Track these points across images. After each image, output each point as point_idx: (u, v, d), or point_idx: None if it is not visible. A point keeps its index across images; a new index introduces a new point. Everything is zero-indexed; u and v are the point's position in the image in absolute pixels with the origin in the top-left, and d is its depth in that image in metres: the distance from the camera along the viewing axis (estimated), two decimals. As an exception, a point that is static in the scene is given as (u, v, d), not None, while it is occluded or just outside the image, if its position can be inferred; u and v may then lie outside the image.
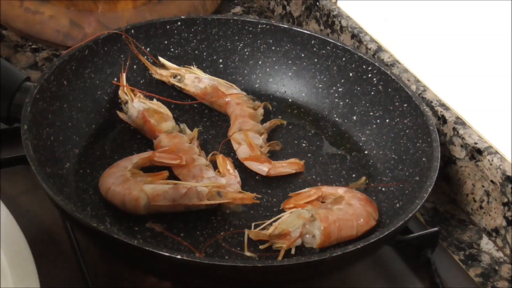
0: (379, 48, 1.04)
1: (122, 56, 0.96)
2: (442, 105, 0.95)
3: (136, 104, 0.92)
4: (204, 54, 1.01)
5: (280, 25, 1.00)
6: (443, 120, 0.94)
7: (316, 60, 1.00)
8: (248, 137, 0.90)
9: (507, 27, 0.85)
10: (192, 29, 1.00)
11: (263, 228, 0.80)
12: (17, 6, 1.11)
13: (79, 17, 1.10)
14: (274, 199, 0.86)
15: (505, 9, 0.84)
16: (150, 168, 0.86)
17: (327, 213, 0.80)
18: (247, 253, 0.78)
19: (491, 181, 0.89)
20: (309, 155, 0.93)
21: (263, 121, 0.95)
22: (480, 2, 0.87)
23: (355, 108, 0.96)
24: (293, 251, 0.78)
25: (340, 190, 0.85)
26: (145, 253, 0.69)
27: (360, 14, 1.08)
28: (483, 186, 0.90)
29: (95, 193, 0.83)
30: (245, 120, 0.93)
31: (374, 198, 0.86)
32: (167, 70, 0.98)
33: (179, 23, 0.99)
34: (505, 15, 0.85)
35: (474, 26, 0.90)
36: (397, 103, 0.93)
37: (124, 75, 0.95)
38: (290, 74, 1.00)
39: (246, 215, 0.83)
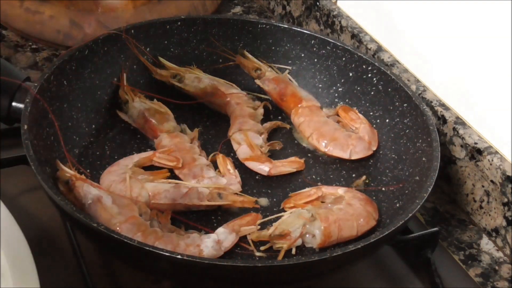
0: (379, 48, 1.04)
1: (122, 56, 0.96)
2: (442, 105, 0.95)
3: (137, 104, 0.92)
4: (204, 54, 1.01)
5: (280, 25, 1.01)
6: (443, 120, 0.94)
7: (316, 60, 1.00)
8: (248, 137, 0.90)
9: (507, 27, 0.85)
10: (192, 29, 1.00)
11: (263, 228, 0.80)
12: (17, 6, 1.11)
13: (79, 17, 1.10)
14: (274, 199, 0.86)
15: (505, 9, 0.84)
16: (150, 167, 0.86)
17: (328, 213, 0.80)
18: (257, 253, 0.78)
19: (491, 181, 0.89)
20: (309, 155, 0.93)
21: (263, 121, 0.95)
22: (480, 2, 0.87)
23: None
24: (293, 251, 0.78)
25: (340, 190, 0.85)
26: (145, 253, 0.69)
27: (360, 14, 1.08)
28: (483, 186, 0.91)
29: (95, 193, 0.83)
30: (245, 120, 0.93)
31: (374, 198, 0.86)
32: (167, 70, 0.98)
33: (179, 23, 0.99)
34: (505, 15, 0.85)
35: (474, 26, 0.90)
36: (397, 103, 0.93)
37: (124, 75, 0.95)
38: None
39: (246, 215, 0.83)
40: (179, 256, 0.68)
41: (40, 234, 0.83)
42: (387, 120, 0.94)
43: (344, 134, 0.92)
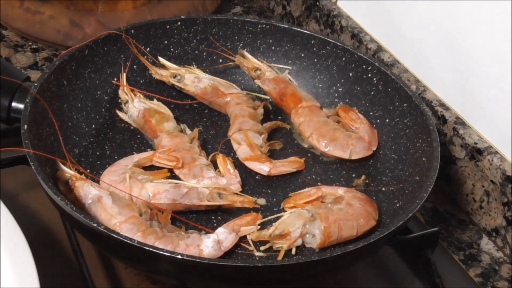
0: (379, 48, 1.04)
1: (122, 56, 0.96)
2: (442, 105, 0.95)
3: (137, 104, 0.93)
4: (204, 54, 1.01)
5: (280, 25, 1.01)
6: (443, 120, 0.94)
7: (316, 60, 1.00)
8: (248, 137, 0.90)
9: (507, 27, 0.85)
10: (192, 29, 1.00)
11: (263, 228, 0.80)
12: (17, 6, 1.11)
13: (79, 17, 1.10)
14: (274, 199, 0.86)
15: (505, 9, 0.84)
16: (150, 167, 0.86)
17: (328, 213, 0.80)
18: (257, 253, 0.78)
19: (491, 181, 0.89)
20: (309, 155, 0.93)
21: (263, 121, 0.95)
22: (480, 2, 0.87)
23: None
24: (293, 251, 0.78)
25: (340, 190, 0.85)
26: (145, 253, 0.69)
27: (360, 14, 1.08)
28: (483, 186, 0.91)
29: (95, 193, 0.83)
30: (245, 120, 0.93)
31: (374, 198, 0.86)
32: (167, 70, 0.98)
33: (179, 23, 0.99)
34: (505, 15, 0.85)
35: (474, 26, 0.90)
36: (397, 103, 0.93)
37: (124, 75, 0.95)
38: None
39: (246, 215, 0.83)
40: (179, 256, 0.68)
41: (40, 234, 0.83)
42: (387, 120, 0.94)
43: (344, 134, 0.92)
